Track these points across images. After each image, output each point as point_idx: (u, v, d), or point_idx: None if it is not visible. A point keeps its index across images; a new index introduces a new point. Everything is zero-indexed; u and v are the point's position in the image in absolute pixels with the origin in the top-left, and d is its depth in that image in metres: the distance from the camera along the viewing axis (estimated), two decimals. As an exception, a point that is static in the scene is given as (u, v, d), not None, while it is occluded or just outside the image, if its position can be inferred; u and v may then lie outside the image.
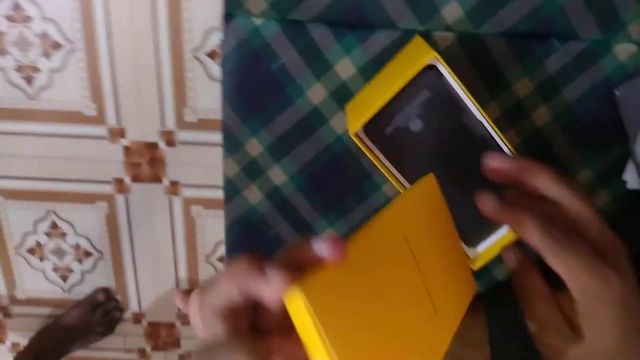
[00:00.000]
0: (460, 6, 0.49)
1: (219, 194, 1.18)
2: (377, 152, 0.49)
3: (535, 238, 0.34)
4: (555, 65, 0.51)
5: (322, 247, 0.29)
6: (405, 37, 0.50)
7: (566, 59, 0.51)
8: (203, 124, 1.13)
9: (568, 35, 0.50)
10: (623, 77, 0.51)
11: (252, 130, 0.55)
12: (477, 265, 0.51)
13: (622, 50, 0.50)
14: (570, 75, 0.52)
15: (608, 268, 0.34)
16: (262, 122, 0.55)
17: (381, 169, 0.49)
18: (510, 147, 0.48)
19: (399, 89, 0.45)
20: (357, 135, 0.48)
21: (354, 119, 0.48)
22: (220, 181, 1.21)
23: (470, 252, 0.52)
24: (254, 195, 0.59)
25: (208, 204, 1.22)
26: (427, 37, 0.50)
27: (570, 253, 0.34)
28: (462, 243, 0.52)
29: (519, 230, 0.35)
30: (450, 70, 0.44)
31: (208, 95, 1.07)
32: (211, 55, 1.07)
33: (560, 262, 0.34)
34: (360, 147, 0.48)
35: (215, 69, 1.09)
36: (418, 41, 0.49)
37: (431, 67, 0.45)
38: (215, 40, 1.06)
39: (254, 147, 0.56)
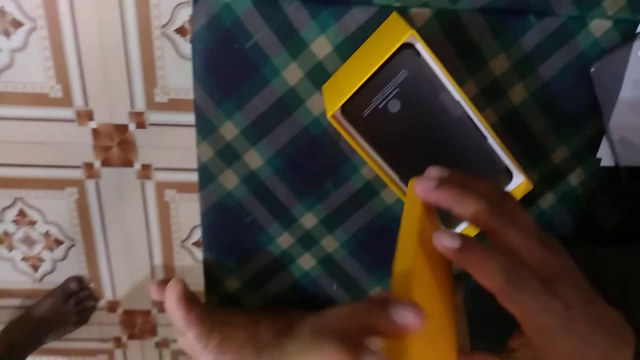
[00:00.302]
0: (437, -18, 0.48)
1: (193, 177, 1.16)
2: (355, 134, 0.48)
3: (497, 284, 0.33)
4: (532, 41, 0.51)
5: (405, 316, 0.29)
6: (382, 14, 0.49)
7: (542, 35, 0.51)
8: (174, 104, 1.11)
9: (544, 11, 0.50)
10: (598, 53, 0.51)
11: (226, 113, 0.54)
12: None
13: (597, 26, 0.50)
14: (547, 51, 0.52)
15: (554, 299, 0.34)
16: (236, 104, 0.53)
17: (359, 152, 0.48)
18: (488, 126, 0.47)
19: (376, 68, 0.44)
20: (334, 118, 0.47)
21: (331, 100, 0.47)
22: (194, 164, 1.18)
23: None
24: (229, 180, 0.57)
25: (182, 187, 1.19)
26: (404, 13, 0.49)
27: (526, 295, 0.33)
28: (441, 224, 0.52)
29: (480, 274, 0.33)
30: (428, 49, 0.44)
31: (178, 74, 1.04)
32: (180, 31, 1.04)
33: (517, 306, 0.33)
34: (338, 129, 0.47)
35: (185, 46, 1.05)
36: (395, 18, 0.48)
37: (408, 46, 0.44)
38: (184, 15, 1.02)
39: (229, 130, 0.55)
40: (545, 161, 0.57)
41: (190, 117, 1.12)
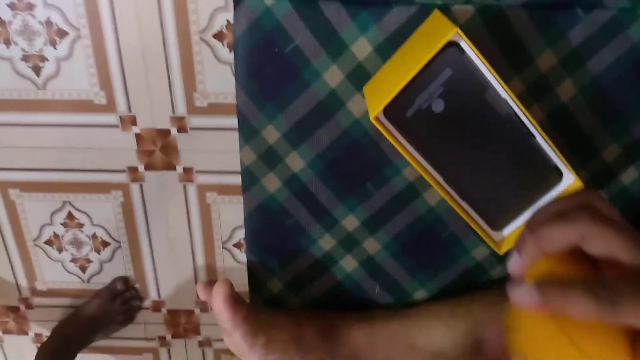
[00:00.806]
0: (481, -22, 0.47)
1: (234, 180, 1.17)
2: (398, 135, 0.47)
3: (594, 311, 0.30)
4: (580, 36, 0.49)
5: None
6: (423, 13, 0.48)
7: (591, 29, 0.49)
8: (214, 109, 1.12)
9: (593, 4, 0.48)
10: (651, 45, 0.49)
11: (268, 117, 0.54)
12: (503, 249, 0.50)
13: (652, 18, 0.48)
14: (596, 45, 0.50)
15: None
16: (278, 107, 0.53)
17: (402, 153, 0.48)
18: (536, 124, 0.46)
19: (420, 68, 0.43)
20: (377, 119, 0.46)
21: (373, 102, 0.47)
22: (234, 166, 1.20)
23: (495, 235, 0.51)
24: (272, 183, 0.58)
25: (223, 189, 1.21)
26: (446, 11, 0.48)
27: (627, 303, 0.30)
28: (488, 226, 0.51)
29: (574, 312, 0.31)
30: (472, 46, 0.43)
31: (217, 79, 1.06)
32: (218, 36, 1.05)
33: (628, 317, 0.30)
34: (381, 131, 0.46)
35: (224, 51, 1.07)
36: (437, 16, 0.47)
37: (452, 44, 0.43)
38: (222, 20, 1.04)
39: (271, 133, 0.55)
40: (595, 160, 0.55)
41: (229, 121, 1.14)
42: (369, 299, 0.63)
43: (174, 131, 1.15)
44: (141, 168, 1.20)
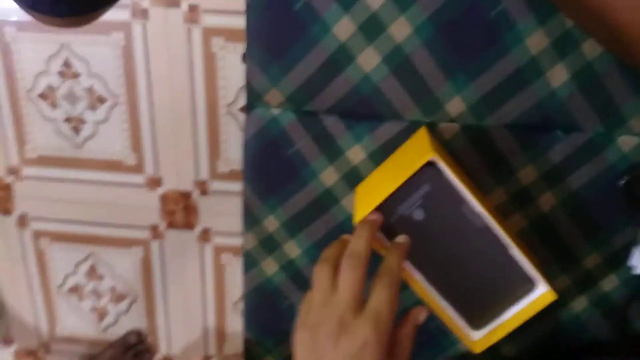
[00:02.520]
0: (463, 101, 0.51)
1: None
2: (383, 238, 0.52)
3: None
4: (560, 155, 0.53)
5: None
6: (412, 127, 0.53)
7: (570, 149, 0.53)
8: (234, 175, 1.19)
9: (571, 127, 0.52)
10: (627, 166, 0.53)
11: (269, 208, 0.59)
12: (479, 348, 0.53)
13: (625, 142, 0.52)
14: (575, 164, 0.53)
15: None
16: (279, 201, 0.58)
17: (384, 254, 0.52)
18: (509, 236, 0.49)
19: (400, 183, 0.48)
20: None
21: (361, 206, 0.51)
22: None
23: (474, 334, 0.54)
24: (270, 267, 0.62)
25: (237, 251, 1.26)
26: (433, 127, 0.53)
27: None
28: (467, 325, 0.54)
29: None
30: (448, 167, 0.47)
31: (240, 148, 1.12)
32: (244, 109, 1.13)
33: None
34: (366, 234, 0.51)
35: (249, 119, 1.14)
36: (422, 133, 0.52)
37: (431, 163, 0.48)
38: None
39: (271, 223, 0.60)
40: (577, 266, 0.57)
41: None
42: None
43: (196, 194, 1.22)
44: (162, 226, 1.27)
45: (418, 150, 0.49)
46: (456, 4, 0.48)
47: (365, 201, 0.51)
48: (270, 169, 0.57)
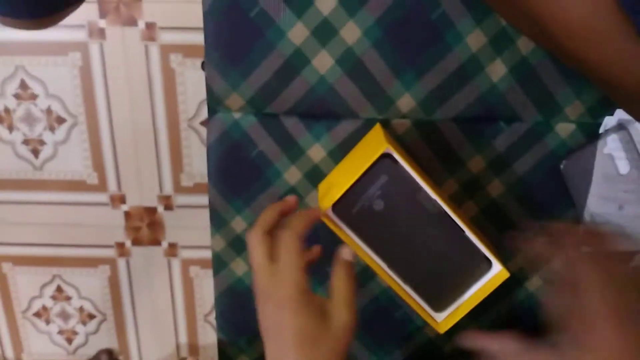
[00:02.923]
0: (412, 98, 0.55)
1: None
2: (345, 229, 0.54)
3: None
4: (504, 144, 0.57)
5: None
6: (367, 124, 0.57)
7: (513, 138, 0.57)
8: (198, 188, 1.20)
9: (512, 118, 0.56)
10: (566, 152, 0.57)
11: (236, 210, 0.61)
12: (443, 328, 0.56)
13: (563, 129, 0.56)
14: (518, 152, 0.57)
15: None
16: (245, 202, 0.61)
17: (349, 244, 0.54)
18: (463, 221, 0.53)
19: (359, 176, 0.51)
20: (326, 215, 0.53)
21: (324, 200, 0.54)
22: (215, 243, 1.26)
23: (438, 316, 0.57)
24: (239, 267, 0.64)
25: (205, 264, 1.27)
26: (387, 124, 0.57)
27: None
28: (430, 308, 0.57)
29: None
30: (402, 158, 0.50)
31: (202, 161, 1.14)
32: (205, 123, 1.15)
33: None
34: (330, 225, 0.53)
35: (211, 133, 1.15)
36: (377, 129, 0.55)
37: (387, 155, 0.51)
38: (209, 108, 1.13)
39: (239, 224, 0.62)
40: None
41: (214, 198, 1.21)
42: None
43: (160, 209, 1.22)
44: (128, 243, 1.26)
45: (374, 145, 0.53)
46: (399, 7, 0.52)
47: (327, 196, 0.54)
48: (235, 172, 0.59)
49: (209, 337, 1.31)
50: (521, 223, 0.60)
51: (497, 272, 0.55)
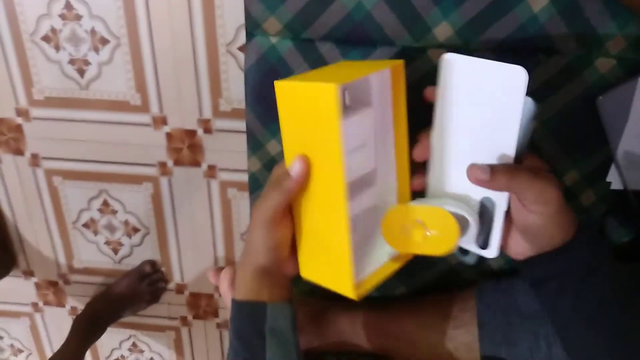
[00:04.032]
0: (450, 26, 0.55)
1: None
2: None
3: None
4: (541, 76, 0.56)
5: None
6: (403, 53, 0.57)
7: (551, 71, 0.56)
8: (236, 113, 1.22)
9: (552, 51, 0.55)
10: (604, 87, 0.56)
11: (271, 133, 0.63)
12: (361, 293, 0.52)
13: (603, 64, 0.55)
14: (556, 85, 0.57)
15: None
16: (280, 126, 0.63)
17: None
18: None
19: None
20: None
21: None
22: (252, 166, 1.30)
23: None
24: (273, 188, 0.67)
25: (242, 186, 1.31)
26: (423, 52, 0.56)
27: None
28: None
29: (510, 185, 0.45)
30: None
31: (240, 87, 1.15)
32: (243, 49, 1.15)
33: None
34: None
35: (249, 58, 1.16)
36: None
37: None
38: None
39: (274, 147, 0.64)
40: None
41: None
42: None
43: (200, 132, 1.26)
44: (170, 163, 1.31)
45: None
46: None
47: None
48: (271, 96, 0.61)
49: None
50: (553, 157, 0.60)
51: None
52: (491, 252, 0.51)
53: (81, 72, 1.24)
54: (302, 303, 0.70)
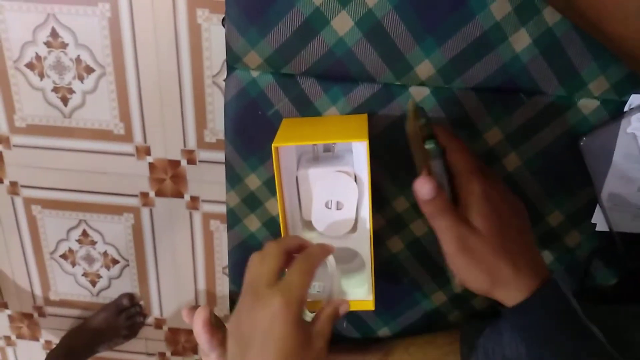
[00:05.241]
0: (432, 65, 0.54)
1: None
2: None
3: None
4: (523, 116, 0.56)
5: None
6: (385, 90, 0.56)
7: (533, 112, 0.56)
8: (221, 145, 1.21)
9: (534, 91, 0.55)
10: (588, 128, 0.56)
11: (251, 167, 0.62)
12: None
13: (585, 105, 0.55)
14: (537, 126, 0.56)
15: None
16: (260, 160, 0.61)
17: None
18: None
19: None
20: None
21: None
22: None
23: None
24: (253, 223, 0.65)
25: (225, 218, 1.29)
26: (404, 90, 0.56)
27: None
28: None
29: None
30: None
31: (226, 118, 1.15)
32: (229, 80, 1.15)
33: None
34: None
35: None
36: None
37: None
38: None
39: (253, 181, 0.63)
40: (541, 223, 0.60)
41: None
42: (338, 332, 0.70)
43: (184, 162, 1.24)
44: (152, 194, 1.29)
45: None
46: (425, -30, 0.50)
47: None
48: (251, 129, 0.60)
49: (226, 288, 1.36)
50: (536, 198, 0.59)
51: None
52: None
53: (65, 101, 1.23)
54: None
